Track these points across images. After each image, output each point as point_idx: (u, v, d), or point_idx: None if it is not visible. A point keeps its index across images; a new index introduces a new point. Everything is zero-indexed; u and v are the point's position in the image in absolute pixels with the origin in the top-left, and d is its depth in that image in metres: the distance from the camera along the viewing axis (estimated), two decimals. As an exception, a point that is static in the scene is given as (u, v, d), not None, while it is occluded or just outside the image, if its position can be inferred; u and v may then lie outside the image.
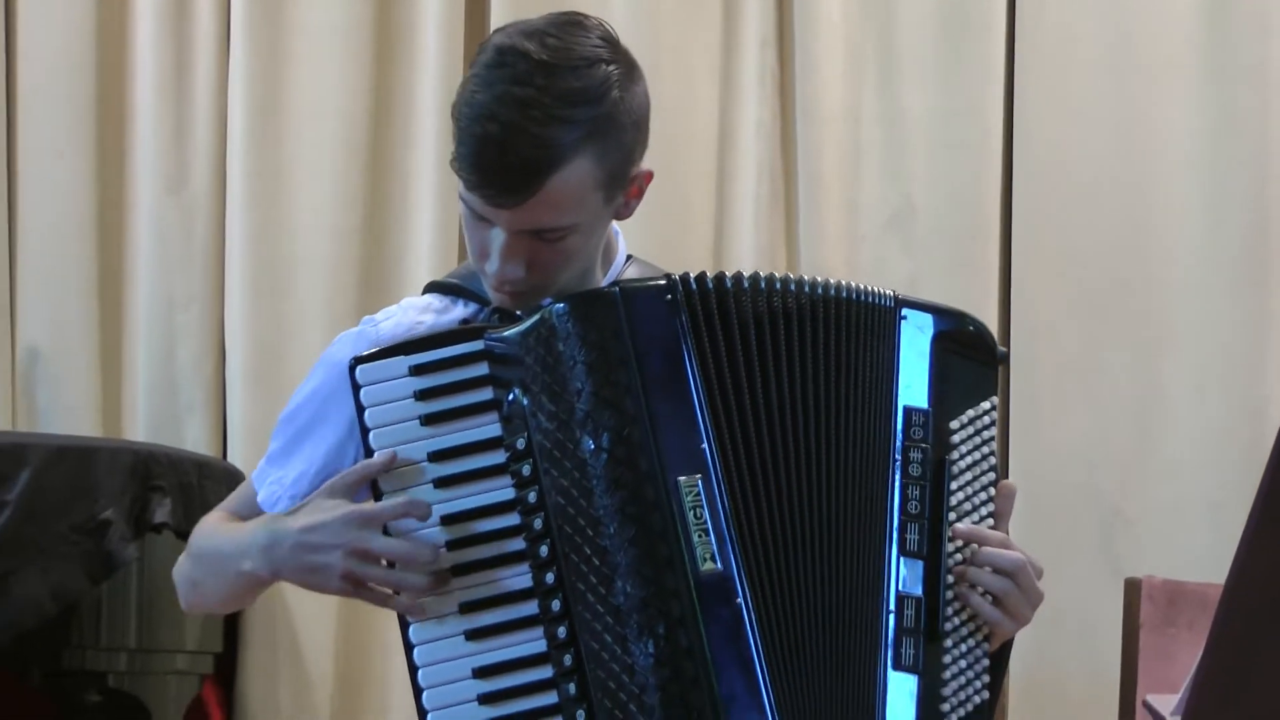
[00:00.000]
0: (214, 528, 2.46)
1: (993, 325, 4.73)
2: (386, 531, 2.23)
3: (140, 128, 4.85)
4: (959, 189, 4.78)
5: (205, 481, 4.24)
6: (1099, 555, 4.66)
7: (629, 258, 2.49)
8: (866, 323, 2.30)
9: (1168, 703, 2.07)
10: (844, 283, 2.30)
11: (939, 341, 2.31)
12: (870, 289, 2.31)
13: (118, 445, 4.25)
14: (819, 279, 2.29)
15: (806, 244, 4.81)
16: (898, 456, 2.26)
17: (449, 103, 4.62)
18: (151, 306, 4.82)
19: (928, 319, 2.32)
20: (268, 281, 4.79)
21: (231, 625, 4.59)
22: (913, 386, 2.29)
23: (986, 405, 2.32)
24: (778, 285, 2.28)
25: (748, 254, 4.79)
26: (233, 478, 4.43)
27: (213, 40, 4.86)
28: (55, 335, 4.78)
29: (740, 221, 4.85)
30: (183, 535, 4.12)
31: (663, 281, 2.28)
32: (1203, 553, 4.48)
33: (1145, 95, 4.72)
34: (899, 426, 2.27)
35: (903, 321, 2.31)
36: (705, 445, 2.21)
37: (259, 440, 4.67)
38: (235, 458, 4.71)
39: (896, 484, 2.25)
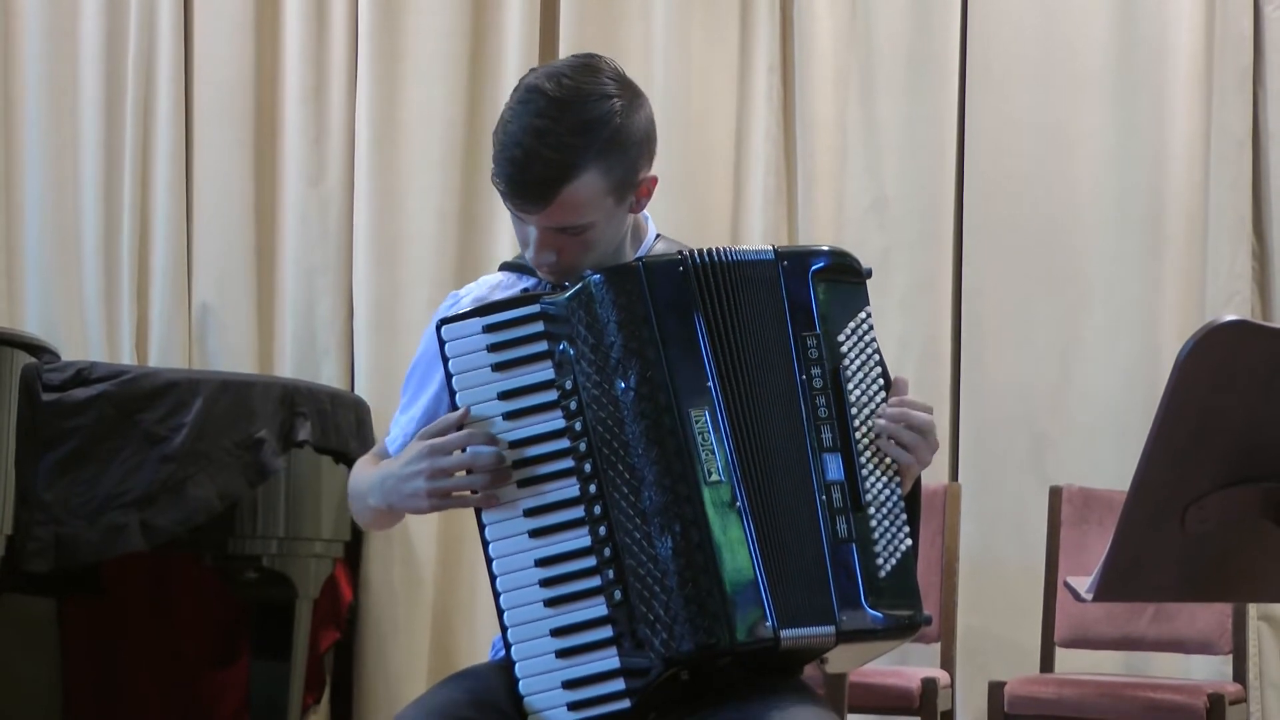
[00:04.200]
0: (360, 471, 2.44)
1: (947, 288, 4.79)
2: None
3: (288, 134, 4.82)
4: (922, 182, 4.83)
5: (337, 408, 4.22)
6: (1030, 468, 4.67)
7: (657, 236, 2.45)
8: (761, 275, 2.24)
9: (1082, 582, 2.03)
10: (735, 248, 2.24)
11: (816, 275, 2.24)
12: (754, 249, 2.26)
13: (269, 380, 4.21)
14: (725, 248, 2.24)
15: (804, 225, 4.84)
16: (802, 376, 2.21)
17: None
18: (296, 273, 4.80)
19: (806, 261, 2.25)
20: (386, 254, 4.77)
21: (358, 520, 4.57)
22: (802, 316, 2.23)
23: (863, 315, 2.25)
24: (724, 256, 2.23)
25: (757, 233, 4.80)
26: (359, 405, 4.42)
27: (344, 67, 4.83)
28: (222, 295, 4.75)
29: (752, 207, 4.88)
30: (320, 450, 4.13)
31: (676, 256, 2.25)
32: (1110, 466, 4.51)
33: (1068, 109, 4.77)
34: (795, 352, 2.21)
35: (783, 268, 2.24)
36: (711, 384, 2.19)
37: (379, 376, 4.70)
38: (360, 390, 4.69)
39: (806, 397, 2.20)
